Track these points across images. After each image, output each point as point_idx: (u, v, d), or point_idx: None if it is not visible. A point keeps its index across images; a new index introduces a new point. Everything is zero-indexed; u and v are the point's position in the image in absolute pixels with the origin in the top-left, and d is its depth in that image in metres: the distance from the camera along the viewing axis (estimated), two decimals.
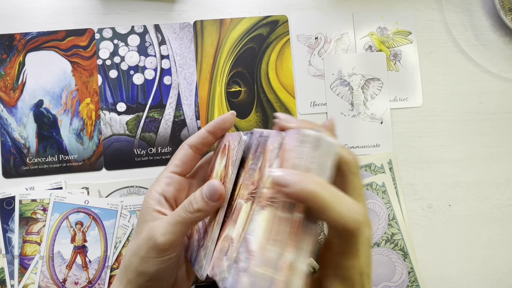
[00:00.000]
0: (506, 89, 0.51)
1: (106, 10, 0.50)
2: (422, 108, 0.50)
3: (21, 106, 0.48)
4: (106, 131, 0.48)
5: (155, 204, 0.35)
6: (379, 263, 0.48)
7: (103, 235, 0.46)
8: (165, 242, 0.31)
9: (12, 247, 0.46)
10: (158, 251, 0.32)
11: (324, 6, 0.51)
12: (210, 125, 0.36)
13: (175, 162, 0.37)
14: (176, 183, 0.36)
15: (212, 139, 0.37)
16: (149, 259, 0.32)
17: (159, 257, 0.32)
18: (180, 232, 0.32)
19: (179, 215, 0.32)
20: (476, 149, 0.50)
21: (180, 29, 0.50)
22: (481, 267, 0.49)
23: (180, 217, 0.32)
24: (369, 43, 0.51)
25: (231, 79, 0.50)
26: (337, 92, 0.50)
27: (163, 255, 0.32)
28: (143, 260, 0.33)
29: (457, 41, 0.51)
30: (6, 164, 0.47)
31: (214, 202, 0.31)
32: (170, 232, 0.31)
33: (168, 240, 0.31)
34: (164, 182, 0.36)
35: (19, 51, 0.48)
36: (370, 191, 0.48)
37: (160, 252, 0.32)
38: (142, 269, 0.33)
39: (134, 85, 0.49)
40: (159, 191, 0.35)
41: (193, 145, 0.37)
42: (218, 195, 0.30)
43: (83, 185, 0.47)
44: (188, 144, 0.37)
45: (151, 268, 0.32)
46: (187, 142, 0.37)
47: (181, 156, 0.37)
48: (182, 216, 0.31)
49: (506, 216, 0.49)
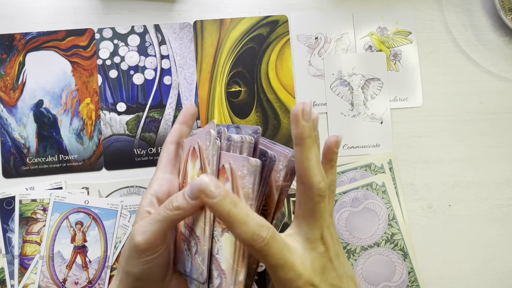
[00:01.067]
0: (506, 89, 0.51)
1: (106, 10, 0.50)
2: (422, 108, 0.50)
3: (21, 106, 0.48)
4: (106, 131, 0.48)
5: (146, 205, 0.35)
6: (379, 263, 0.48)
7: (103, 235, 0.46)
8: (143, 242, 0.31)
9: (12, 247, 0.46)
10: (138, 251, 0.32)
11: (324, 6, 0.51)
12: (179, 117, 0.39)
13: (162, 162, 0.37)
14: (168, 182, 0.36)
15: (186, 129, 0.39)
16: (132, 260, 0.32)
17: (141, 258, 0.32)
18: (159, 231, 0.31)
19: (159, 213, 0.32)
20: (476, 149, 0.50)
21: (180, 29, 0.50)
22: (481, 267, 0.49)
23: (159, 215, 0.31)
24: (369, 43, 0.51)
25: (231, 79, 0.50)
26: (337, 92, 0.50)
27: (143, 255, 0.32)
28: (127, 260, 0.33)
29: (457, 41, 0.51)
30: (6, 164, 0.47)
31: (195, 200, 0.30)
32: (149, 231, 0.31)
33: (146, 239, 0.31)
34: (156, 183, 0.36)
35: (19, 51, 0.48)
36: (370, 191, 0.48)
37: (140, 252, 0.32)
38: (128, 269, 0.33)
39: (134, 85, 0.49)
40: (152, 193, 0.35)
41: (173, 141, 0.38)
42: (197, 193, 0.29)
43: (83, 185, 0.47)
44: (168, 142, 0.38)
45: (135, 269, 0.32)
46: (167, 141, 0.38)
47: (166, 155, 0.38)
48: (161, 214, 0.31)
49: (506, 216, 0.49)
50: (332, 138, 0.33)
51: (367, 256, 0.48)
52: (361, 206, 0.48)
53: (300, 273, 0.29)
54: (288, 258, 0.29)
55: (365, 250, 0.48)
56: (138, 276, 0.32)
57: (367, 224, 0.48)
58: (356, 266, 0.48)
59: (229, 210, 0.27)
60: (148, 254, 0.32)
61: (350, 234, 0.48)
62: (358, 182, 0.48)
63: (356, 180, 0.49)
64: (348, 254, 0.48)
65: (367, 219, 0.48)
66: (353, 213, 0.48)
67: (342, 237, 0.48)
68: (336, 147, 0.34)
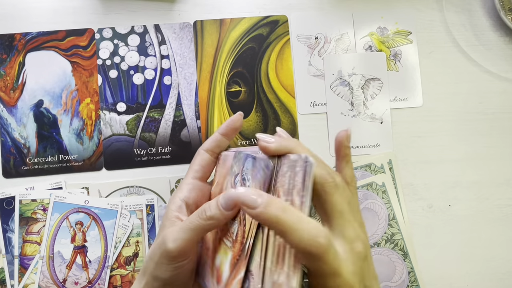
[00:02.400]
0: (506, 89, 0.51)
1: (106, 10, 0.50)
2: (422, 108, 0.50)
3: (21, 106, 0.48)
4: (106, 131, 0.48)
5: (175, 210, 0.35)
6: (379, 263, 0.48)
7: (103, 235, 0.46)
8: (175, 249, 0.31)
9: (12, 247, 0.46)
10: (169, 257, 0.32)
11: (324, 6, 0.51)
12: (222, 128, 0.38)
13: (195, 168, 0.37)
14: (198, 188, 0.36)
15: (225, 141, 0.38)
16: (162, 265, 0.32)
17: (171, 264, 0.32)
18: (191, 239, 0.31)
19: (191, 221, 0.31)
20: (476, 149, 0.50)
21: (180, 29, 0.50)
22: (481, 267, 0.49)
23: (192, 224, 0.31)
24: (369, 43, 0.51)
25: (231, 79, 0.50)
26: (337, 92, 0.50)
27: (174, 262, 0.32)
28: (157, 265, 0.33)
29: (457, 41, 0.51)
30: (6, 164, 0.47)
31: (229, 211, 0.30)
32: (181, 238, 0.31)
33: (178, 247, 0.31)
34: (186, 189, 0.36)
35: (19, 51, 0.48)
36: (370, 191, 0.48)
37: (171, 258, 0.32)
38: (156, 274, 0.33)
39: (134, 85, 0.49)
40: (181, 197, 0.35)
41: (209, 149, 0.37)
42: (233, 204, 0.29)
43: (83, 185, 0.47)
44: (204, 149, 0.37)
45: (164, 274, 0.32)
46: (203, 147, 0.38)
47: (200, 161, 0.37)
48: (194, 222, 0.31)
49: (506, 216, 0.49)
50: (341, 133, 0.34)
51: None
52: (361, 206, 0.48)
53: (347, 279, 0.27)
54: (340, 265, 0.27)
55: None
56: (167, 281, 0.33)
57: (367, 224, 0.48)
58: None
59: (277, 216, 0.26)
60: (179, 261, 0.32)
61: None
62: (358, 182, 0.48)
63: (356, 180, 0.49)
64: None
65: (367, 219, 0.48)
66: None
67: None
68: (347, 141, 0.34)
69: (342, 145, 0.34)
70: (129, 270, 0.47)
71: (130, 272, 0.47)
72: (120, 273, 0.46)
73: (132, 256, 0.47)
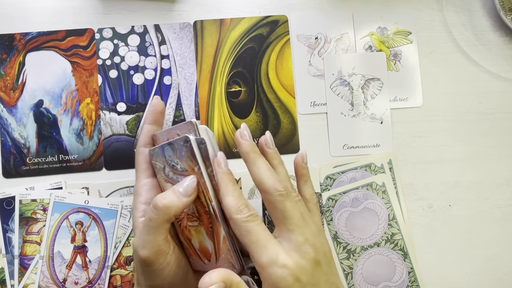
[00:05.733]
0: (506, 89, 0.51)
1: (106, 10, 0.50)
2: (422, 108, 0.50)
3: (21, 106, 0.48)
4: (106, 131, 0.48)
5: (141, 216, 0.34)
6: (379, 263, 0.48)
7: (103, 235, 0.46)
8: (148, 255, 0.31)
9: (12, 247, 0.46)
10: (146, 264, 0.32)
11: (324, 6, 0.51)
12: (148, 117, 0.38)
13: (143, 167, 0.37)
14: (155, 185, 0.36)
15: (157, 128, 0.38)
16: (147, 273, 0.32)
17: (151, 268, 0.32)
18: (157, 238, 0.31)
19: (150, 219, 0.31)
20: (476, 149, 0.50)
21: (180, 29, 0.50)
22: (481, 267, 0.49)
23: (151, 221, 0.31)
24: (369, 43, 0.51)
25: (231, 79, 0.50)
26: (337, 92, 0.50)
27: (154, 266, 0.32)
28: (143, 275, 0.33)
29: (457, 41, 0.51)
30: (6, 164, 0.47)
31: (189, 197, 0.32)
32: (148, 241, 0.31)
33: (149, 251, 0.31)
34: (144, 190, 0.36)
35: (19, 51, 0.48)
36: (370, 191, 0.48)
37: (149, 264, 0.32)
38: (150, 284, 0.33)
39: (134, 85, 0.49)
40: (143, 201, 0.35)
41: (146, 143, 0.38)
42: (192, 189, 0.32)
43: (83, 185, 0.47)
44: (141, 146, 0.38)
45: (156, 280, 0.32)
46: (140, 144, 0.38)
47: (144, 159, 0.37)
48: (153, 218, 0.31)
49: (506, 216, 0.49)
50: (298, 155, 0.37)
51: (367, 256, 0.48)
52: (361, 206, 0.48)
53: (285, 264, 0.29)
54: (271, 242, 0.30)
55: (365, 250, 0.48)
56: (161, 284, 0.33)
57: (367, 224, 0.48)
58: (356, 266, 0.48)
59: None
60: (158, 262, 0.32)
61: (350, 234, 0.48)
62: (358, 182, 0.48)
63: (356, 180, 0.49)
64: (348, 254, 0.48)
65: (367, 219, 0.48)
66: (353, 213, 0.48)
67: (342, 237, 0.48)
68: (303, 162, 0.37)
69: (298, 166, 0.37)
70: (129, 270, 0.47)
71: (130, 272, 0.47)
72: (120, 273, 0.46)
73: (132, 256, 0.47)
